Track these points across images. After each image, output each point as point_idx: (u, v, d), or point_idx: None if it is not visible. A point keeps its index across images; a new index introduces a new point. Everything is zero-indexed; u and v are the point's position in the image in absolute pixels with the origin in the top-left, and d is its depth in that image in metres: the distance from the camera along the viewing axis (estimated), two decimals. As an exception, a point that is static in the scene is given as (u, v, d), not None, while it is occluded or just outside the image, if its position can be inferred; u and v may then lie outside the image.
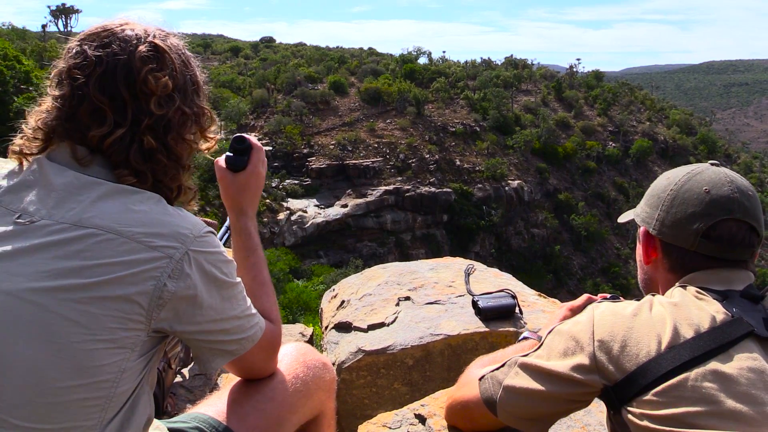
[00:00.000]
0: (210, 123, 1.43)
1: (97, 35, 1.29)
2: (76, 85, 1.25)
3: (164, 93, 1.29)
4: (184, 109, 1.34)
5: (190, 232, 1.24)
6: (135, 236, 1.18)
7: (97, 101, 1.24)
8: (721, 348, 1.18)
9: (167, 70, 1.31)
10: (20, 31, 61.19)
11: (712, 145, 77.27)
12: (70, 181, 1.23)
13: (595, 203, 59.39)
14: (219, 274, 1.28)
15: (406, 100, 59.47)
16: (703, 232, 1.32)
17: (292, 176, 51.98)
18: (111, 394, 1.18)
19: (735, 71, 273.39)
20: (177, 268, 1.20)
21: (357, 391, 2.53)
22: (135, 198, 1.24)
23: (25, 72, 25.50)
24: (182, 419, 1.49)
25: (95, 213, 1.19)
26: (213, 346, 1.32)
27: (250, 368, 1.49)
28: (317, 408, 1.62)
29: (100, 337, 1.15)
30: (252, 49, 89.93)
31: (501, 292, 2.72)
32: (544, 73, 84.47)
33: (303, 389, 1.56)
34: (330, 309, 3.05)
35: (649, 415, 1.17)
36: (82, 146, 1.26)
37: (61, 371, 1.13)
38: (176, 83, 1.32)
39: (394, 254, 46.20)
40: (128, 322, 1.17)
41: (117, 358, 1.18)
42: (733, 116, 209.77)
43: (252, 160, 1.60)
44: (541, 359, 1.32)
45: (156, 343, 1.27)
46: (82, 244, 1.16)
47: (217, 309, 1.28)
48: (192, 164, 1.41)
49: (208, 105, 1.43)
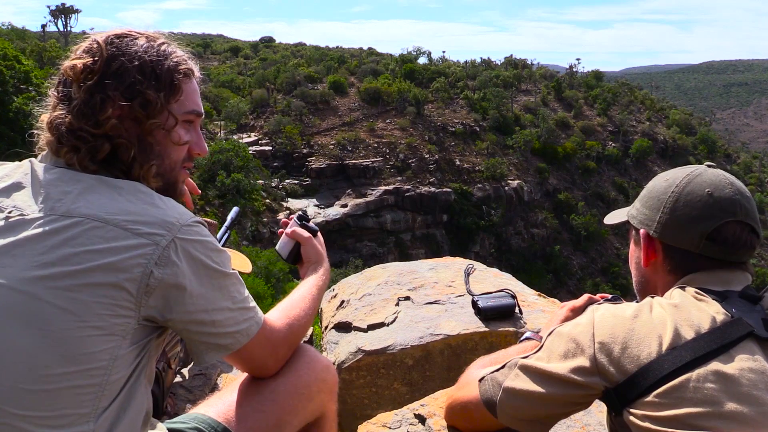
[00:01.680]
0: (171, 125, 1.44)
1: (94, 43, 1.38)
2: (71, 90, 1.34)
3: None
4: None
5: (177, 220, 1.26)
6: (121, 224, 1.21)
7: (84, 102, 1.33)
8: (721, 348, 1.18)
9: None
10: (20, 31, 61.11)
11: (712, 145, 77.26)
12: (58, 177, 1.28)
13: (594, 203, 59.38)
14: (209, 261, 1.29)
15: (406, 100, 59.43)
16: (708, 234, 1.31)
17: (292, 176, 51.95)
18: (104, 382, 1.19)
19: (735, 71, 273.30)
20: (164, 255, 1.22)
21: (357, 391, 2.53)
22: (121, 189, 1.27)
23: (24, 72, 25.47)
24: (182, 420, 1.48)
25: (82, 203, 1.22)
26: (205, 338, 1.32)
27: (250, 364, 1.48)
28: (319, 410, 1.61)
29: (90, 324, 1.17)
30: (252, 49, 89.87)
31: (501, 292, 2.71)
32: (544, 73, 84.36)
33: (305, 391, 1.54)
34: (330, 309, 3.05)
35: (650, 417, 1.16)
36: (64, 145, 1.31)
37: (54, 358, 1.15)
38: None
39: (394, 254, 46.15)
40: (117, 308, 1.19)
41: (108, 345, 1.19)
42: (732, 116, 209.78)
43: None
44: (542, 361, 1.32)
45: (149, 332, 1.28)
46: (70, 232, 1.19)
47: (207, 297, 1.28)
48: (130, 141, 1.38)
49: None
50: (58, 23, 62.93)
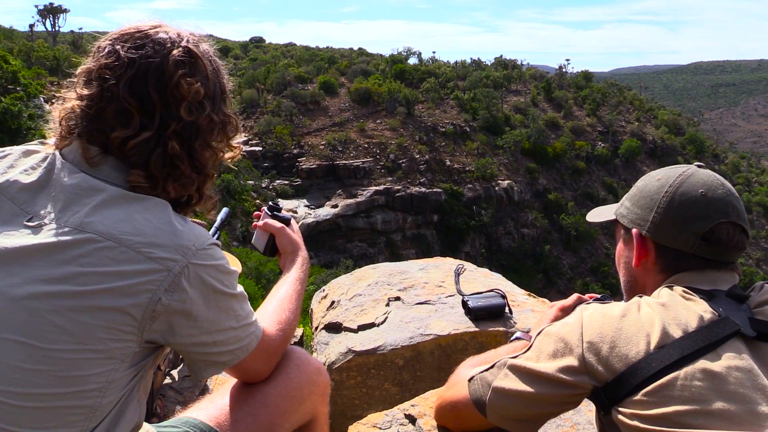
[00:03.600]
0: (235, 132, 1.42)
1: (131, 36, 1.29)
2: (105, 86, 1.24)
3: (195, 99, 1.29)
4: (213, 116, 1.34)
5: (193, 244, 1.22)
6: (134, 245, 1.16)
7: (125, 102, 1.24)
8: (709, 347, 1.18)
9: (199, 76, 1.31)
10: (7, 30, 60.62)
11: (700, 145, 77.68)
12: (78, 183, 1.22)
13: (584, 203, 59.56)
14: (220, 286, 1.26)
15: (396, 100, 59.41)
16: (702, 235, 1.32)
17: (282, 177, 51.82)
18: (97, 404, 1.17)
19: (722, 72, 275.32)
20: (174, 281, 1.18)
21: (347, 392, 2.53)
22: (140, 205, 1.22)
23: (12, 72, 25.30)
24: (172, 423, 1.47)
25: (97, 218, 1.18)
26: (206, 357, 1.30)
27: (245, 374, 1.49)
28: (310, 413, 1.61)
29: (89, 347, 1.14)
30: (242, 49, 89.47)
31: (491, 291, 2.72)
32: (534, 73, 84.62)
33: (296, 394, 1.54)
34: (320, 309, 3.05)
35: (639, 415, 1.17)
36: (94, 146, 1.25)
37: (47, 378, 1.12)
38: (207, 90, 1.32)
39: (385, 254, 46.15)
40: (119, 333, 1.16)
41: (105, 368, 1.16)
42: (720, 116, 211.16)
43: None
44: (531, 361, 1.32)
45: (148, 353, 1.25)
46: (80, 249, 1.15)
47: (212, 320, 1.26)
48: (216, 173, 1.40)
49: (234, 113, 1.42)
50: (46, 23, 62.39)
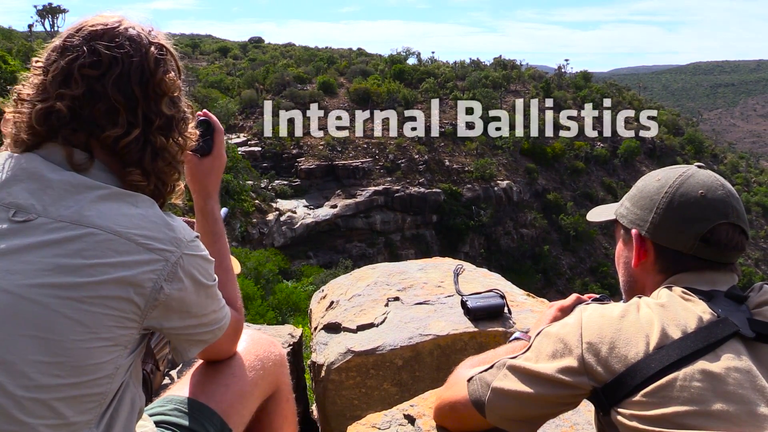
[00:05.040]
0: (191, 120, 1.47)
1: (104, 33, 1.29)
2: (92, 85, 1.25)
3: (174, 94, 1.34)
4: (183, 108, 1.39)
5: (184, 237, 1.29)
6: (134, 238, 1.21)
7: (114, 101, 1.25)
8: (708, 348, 1.18)
9: (174, 71, 1.36)
10: (6, 30, 60.56)
11: (699, 145, 77.83)
12: (68, 180, 1.23)
13: (583, 203, 59.59)
14: (206, 274, 1.35)
15: (396, 100, 59.44)
16: (702, 236, 1.32)
17: (281, 177, 51.83)
18: (108, 390, 1.22)
19: (721, 72, 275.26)
20: (172, 271, 1.25)
21: (346, 392, 2.53)
22: (132, 201, 1.26)
23: (11, 72, 25.25)
24: (159, 404, 1.59)
25: (94, 213, 1.20)
26: (191, 337, 1.39)
27: (216, 353, 1.62)
28: (274, 383, 1.76)
29: (99, 335, 1.18)
30: (241, 49, 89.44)
31: (490, 292, 2.72)
32: (533, 73, 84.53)
33: (259, 365, 1.70)
34: (319, 310, 3.05)
35: (638, 416, 1.17)
36: (76, 147, 1.26)
37: (66, 369, 1.15)
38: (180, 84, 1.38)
39: (384, 255, 46.18)
40: (125, 320, 1.21)
41: (113, 355, 1.21)
42: (719, 117, 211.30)
43: (216, 143, 1.70)
44: (530, 361, 1.32)
45: (142, 339, 1.32)
46: (82, 242, 1.18)
47: (201, 306, 1.35)
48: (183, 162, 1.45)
49: (187, 102, 1.46)
50: (45, 23, 62.33)
